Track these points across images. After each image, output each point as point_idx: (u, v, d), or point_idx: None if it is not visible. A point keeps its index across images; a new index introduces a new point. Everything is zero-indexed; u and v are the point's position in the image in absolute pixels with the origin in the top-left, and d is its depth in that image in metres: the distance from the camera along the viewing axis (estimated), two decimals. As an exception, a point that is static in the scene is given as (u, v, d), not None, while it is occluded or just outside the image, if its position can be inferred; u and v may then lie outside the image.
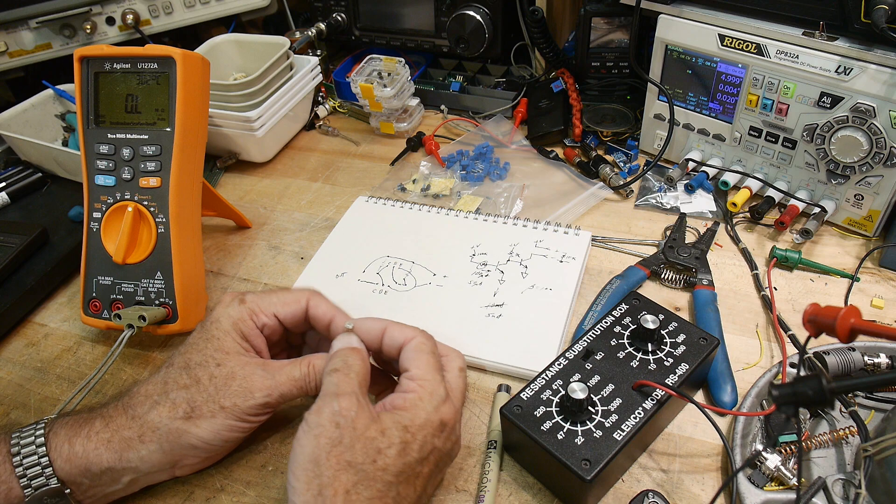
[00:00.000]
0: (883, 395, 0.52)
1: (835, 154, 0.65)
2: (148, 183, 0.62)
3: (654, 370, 0.51)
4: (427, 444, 0.43)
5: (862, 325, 0.38)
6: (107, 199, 0.63)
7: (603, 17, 0.83)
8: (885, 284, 0.65)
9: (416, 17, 0.99)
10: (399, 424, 0.43)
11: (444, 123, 0.96)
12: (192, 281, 0.64)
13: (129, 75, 0.62)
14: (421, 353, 0.47)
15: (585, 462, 0.45)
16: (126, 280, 0.62)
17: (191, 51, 0.62)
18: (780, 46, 0.65)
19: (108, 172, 0.62)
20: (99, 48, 0.62)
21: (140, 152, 0.62)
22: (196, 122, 0.64)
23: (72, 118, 0.88)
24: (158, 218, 0.62)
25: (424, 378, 0.46)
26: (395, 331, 0.49)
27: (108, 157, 0.62)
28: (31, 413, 0.60)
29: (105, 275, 0.63)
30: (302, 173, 0.89)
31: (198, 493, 0.52)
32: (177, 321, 0.62)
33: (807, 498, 0.45)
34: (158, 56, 0.61)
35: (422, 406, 0.44)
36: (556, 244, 0.69)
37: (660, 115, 0.80)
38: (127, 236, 0.61)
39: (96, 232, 0.63)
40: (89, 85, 0.63)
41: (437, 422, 0.44)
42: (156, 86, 0.62)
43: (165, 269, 0.62)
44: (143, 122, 0.62)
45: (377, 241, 0.73)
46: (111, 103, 0.63)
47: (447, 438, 0.45)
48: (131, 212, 0.61)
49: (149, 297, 0.62)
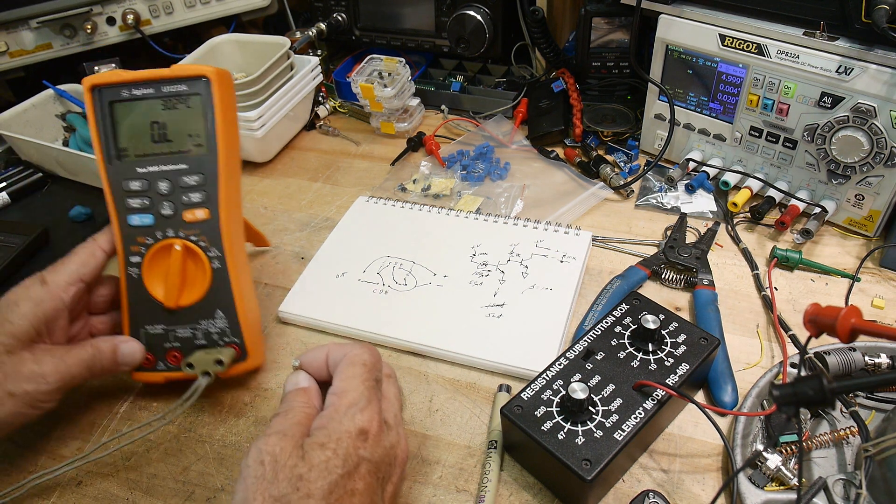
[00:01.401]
0: (883, 396, 0.52)
1: (835, 154, 0.65)
2: (194, 216, 0.55)
3: (654, 370, 0.51)
4: (351, 458, 0.41)
5: (862, 326, 0.38)
6: (145, 241, 0.56)
7: (603, 17, 0.83)
8: (886, 284, 0.65)
9: (416, 17, 0.99)
10: (316, 444, 0.41)
11: (445, 123, 0.96)
12: (254, 313, 0.59)
13: (152, 101, 0.56)
14: (348, 366, 0.46)
15: (586, 462, 0.45)
16: (180, 325, 0.56)
17: (220, 68, 0.57)
18: (780, 46, 0.65)
19: (144, 210, 0.56)
20: (113, 74, 0.56)
21: (180, 183, 0.55)
22: (235, 143, 0.58)
23: (72, 118, 0.88)
24: (211, 252, 0.56)
25: (343, 389, 0.44)
26: (335, 352, 0.48)
27: (142, 194, 0.56)
28: (31, 413, 0.60)
29: (154, 323, 0.56)
30: (302, 173, 0.89)
31: (198, 492, 0.52)
32: (247, 358, 0.57)
33: (807, 498, 0.45)
34: (187, 76, 0.55)
35: (336, 418, 0.42)
36: (556, 244, 0.69)
37: (660, 115, 0.80)
38: (178, 277, 0.55)
39: (137, 278, 0.56)
40: (105, 117, 0.56)
41: (355, 431, 0.42)
42: (186, 109, 0.56)
43: (226, 307, 0.56)
44: (177, 150, 0.56)
45: (378, 241, 0.73)
46: (134, 134, 0.56)
47: (375, 446, 0.42)
48: (180, 250, 0.55)
49: (211, 338, 0.56)
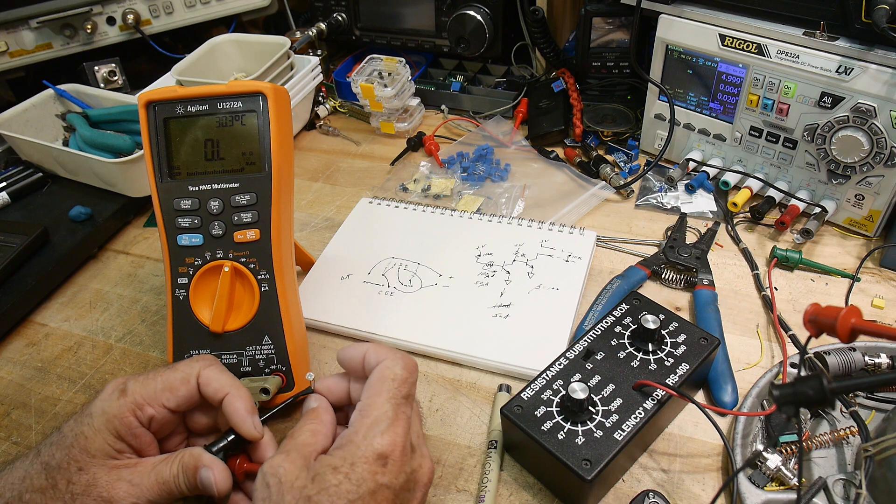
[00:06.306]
0: (883, 396, 0.52)
1: (835, 154, 0.65)
2: (245, 237, 0.54)
3: (654, 370, 0.51)
4: (365, 483, 0.39)
5: (862, 326, 0.38)
6: (194, 262, 0.54)
7: (603, 17, 0.83)
8: (886, 284, 0.65)
9: (416, 16, 0.99)
10: (329, 466, 0.39)
11: (445, 123, 0.96)
12: (302, 340, 0.57)
13: (207, 118, 0.54)
14: (377, 381, 0.43)
15: (586, 462, 0.45)
16: (227, 350, 0.54)
17: (276, 84, 0.54)
18: (780, 46, 0.65)
19: (194, 231, 0.54)
20: (169, 90, 0.54)
21: (232, 203, 0.54)
22: (290, 162, 0.56)
23: (72, 118, 0.87)
24: (260, 275, 0.54)
25: (367, 406, 0.42)
26: (372, 356, 0.46)
27: (192, 213, 0.54)
28: (31, 413, 0.60)
29: (200, 347, 0.55)
30: (302, 173, 0.89)
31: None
32: (293, 388, 0.55)
33: (807, 498, 0.45)
34: (243, 93, 0.54)
35: (355, 441, 0.40)
36: (561, 244, 0.69)
37: (660, 115, 0.80)
38: (225, 300, 0.53)
39: (184, 300, 0.54)
40: (158, 133, 0.54)
41: (373, 456, 0.39)
42: (240, 127, 0.54)
43: (274, 332, 0.54)
44: (230, 168, 0.54)
45: (382, 243, 0.73)
46: (187, 152, 0.55)
47: (397, 472, 0.40)
48: (228, 272, 0.53)
49: (256, 366, 0.54)
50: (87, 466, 0.43)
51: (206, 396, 0.47)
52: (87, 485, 0.42)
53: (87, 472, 0.43)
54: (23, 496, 0.42)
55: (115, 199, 0.81)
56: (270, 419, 0.51)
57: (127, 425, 0.44)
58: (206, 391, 0.46)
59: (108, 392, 0.45)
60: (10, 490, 0.43)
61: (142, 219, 0.84)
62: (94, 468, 0.43)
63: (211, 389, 0.46)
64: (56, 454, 0.43)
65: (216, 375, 0.47)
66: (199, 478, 0.44)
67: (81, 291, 0.73)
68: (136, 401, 0.45)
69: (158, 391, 0.46)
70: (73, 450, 0.43)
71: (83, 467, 0.43)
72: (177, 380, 0.46)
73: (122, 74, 0.98)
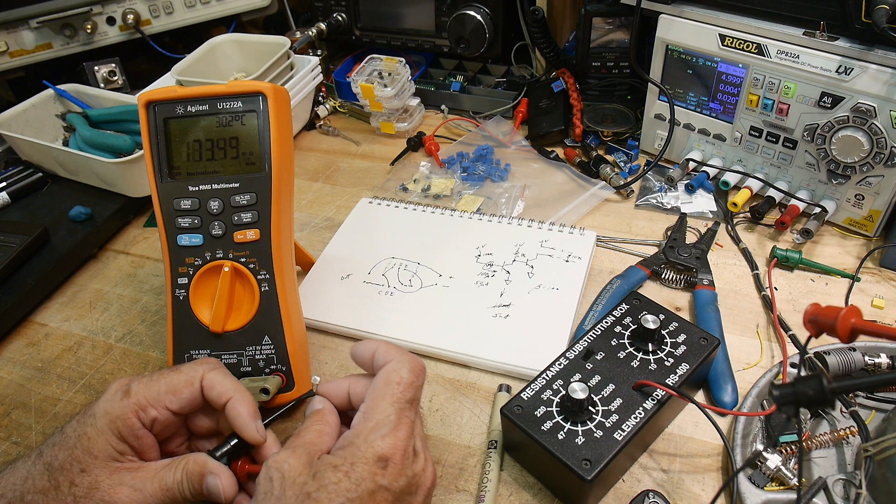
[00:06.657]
0: (883, 396, 0.52)
1: (835, 154, 0.65)
2: (245, 237, 0.54)
3: (654, 370, 0.51)
4: (364, 483, 0.39)
5: (862, 326, 0.38)
6: (194, 262, 0.54)
7: (603, 17, 0.83)
8: (886, 284, 0.65)
9: (416, 16, 0.99)
10: (329, 465, 0.39)
11: (445, 123, 0.96)
12: (302, 340, 0.57)
13: (207, 118, 0.54)
14: (382, 384, 0.44)
15: (586, 462, 0.45)
16: (226, 350, 0.54)
17: (276, 84, 0.54)
18: (780, 46, 0.65)
19: (194, 231, 0.54)
20: (169, 90, 0.54)
21: (232, 203, 0.54)
22: (290, 162, 0.56)
23: (72, 118, 0.87)
24: (260, 275, 0.54)
25: (370, 409, 0.42)
26: (381, 356, 0.46)
27: (192, 213, 0.54)
28: (31, 413, 0.60)
29: (200, 347, 0.55)
30: (302, 173, 0.89)
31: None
32: (293, 388, 0.55)
33: (807, 498, 0.45)
34: (243, 93, 0.54)
35: (356, 442, 0.41)
36: (561, 244, 0.69)
37: (660, 115, 0.80)
38: (225, 300, 0.53)
39: (184, 300, 0.54)
40: (158, 133, 0.54)
41: (373, 458, 0.40)
42: (240, 127, 0.54)
43: (274, 332, 0.54)
44: (230, 168, 0.54)
45: (382, 243, 0.73)
46: (187, 152, 0.55)
47: (397, 475, 0.40)
48: (228, 272, 0.53)
49: (256, 366, 0.54)
50: (89, 468, 0.43)
51: (209, 400, 0.46)
52: (90, 488, 0.42)
53: (89, 473, 0.43)
54: (25, 497, 0.42)
55: (115, 199, 0.81)
56: (272, 422, 0.50)
57: (129, 426, 0.44)
58: (210, 395, 0.46)
59: (112, 393, 0.45)
60: (13, 490, 0.43)
61: (142, 219, 0.84)
62: (96, 469, 0.43)
63: (214, 393, 0.46)
64: (59, 455, 0.43)
65: (220, 379, 0.47)
66: (205, 485, 0.44)
67: (81, 291, 0.74)
68: (139, 402, 0.45)
69: (162, 393, 0.45)
70: (75, 450, 0.43)
71: (86, 468, 0.43)
72: (180, 382, 0.46)
73: (122, 74, 0.98)
